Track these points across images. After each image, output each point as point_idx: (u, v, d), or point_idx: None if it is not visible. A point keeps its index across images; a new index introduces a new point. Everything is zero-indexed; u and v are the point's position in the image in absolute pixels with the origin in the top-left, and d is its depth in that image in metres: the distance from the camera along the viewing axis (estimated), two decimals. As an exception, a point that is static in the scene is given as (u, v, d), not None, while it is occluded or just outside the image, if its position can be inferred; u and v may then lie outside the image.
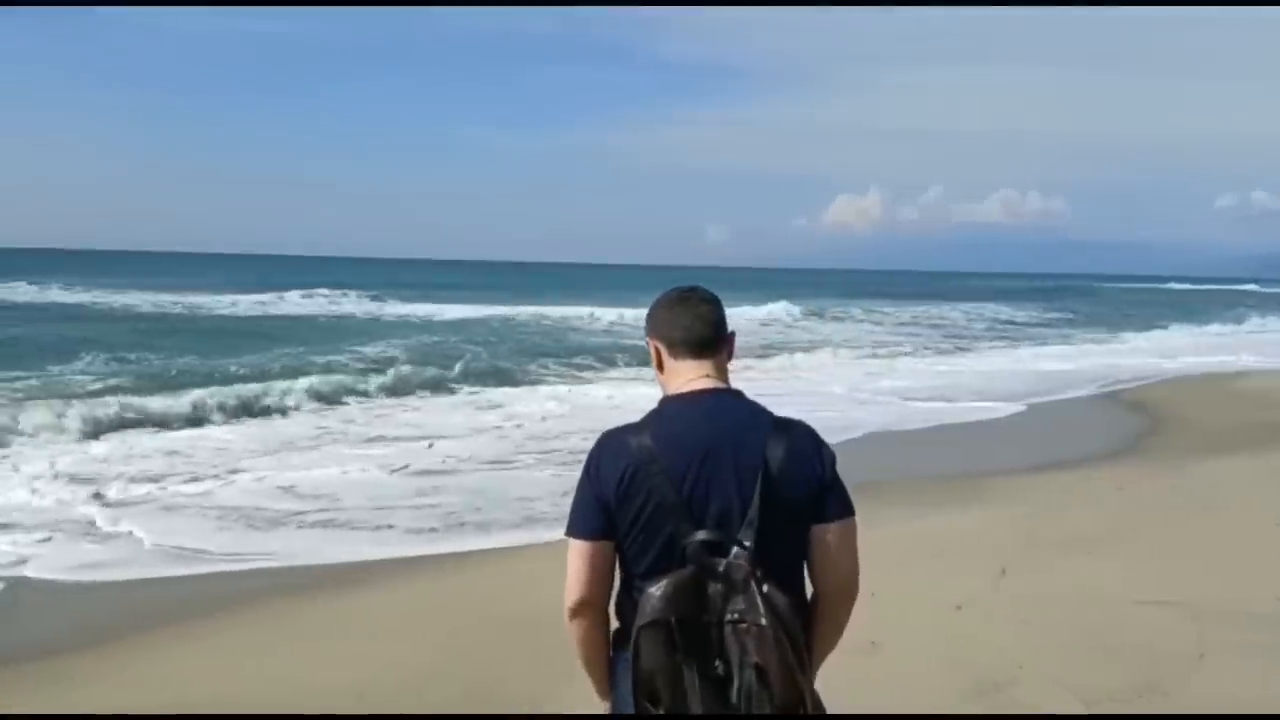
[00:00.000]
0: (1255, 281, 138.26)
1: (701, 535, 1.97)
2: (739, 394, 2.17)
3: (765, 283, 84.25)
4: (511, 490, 9.15)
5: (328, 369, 17.93)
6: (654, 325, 2.25)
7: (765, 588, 1.89)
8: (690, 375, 2.18)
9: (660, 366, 2.24)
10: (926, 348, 27.94)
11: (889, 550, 6.93)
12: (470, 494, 9.02)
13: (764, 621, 1.86)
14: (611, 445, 2.11)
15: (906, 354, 25.70)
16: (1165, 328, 39.03)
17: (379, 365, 18.64)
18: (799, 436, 2.11)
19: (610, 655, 2.20)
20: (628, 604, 2.08)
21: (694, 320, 2.19)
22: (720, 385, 2.17)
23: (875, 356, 24.56)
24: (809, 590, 2.17)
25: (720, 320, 2.23)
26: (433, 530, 7.92)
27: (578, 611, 2.13)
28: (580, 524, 2.10)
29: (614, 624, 2.19)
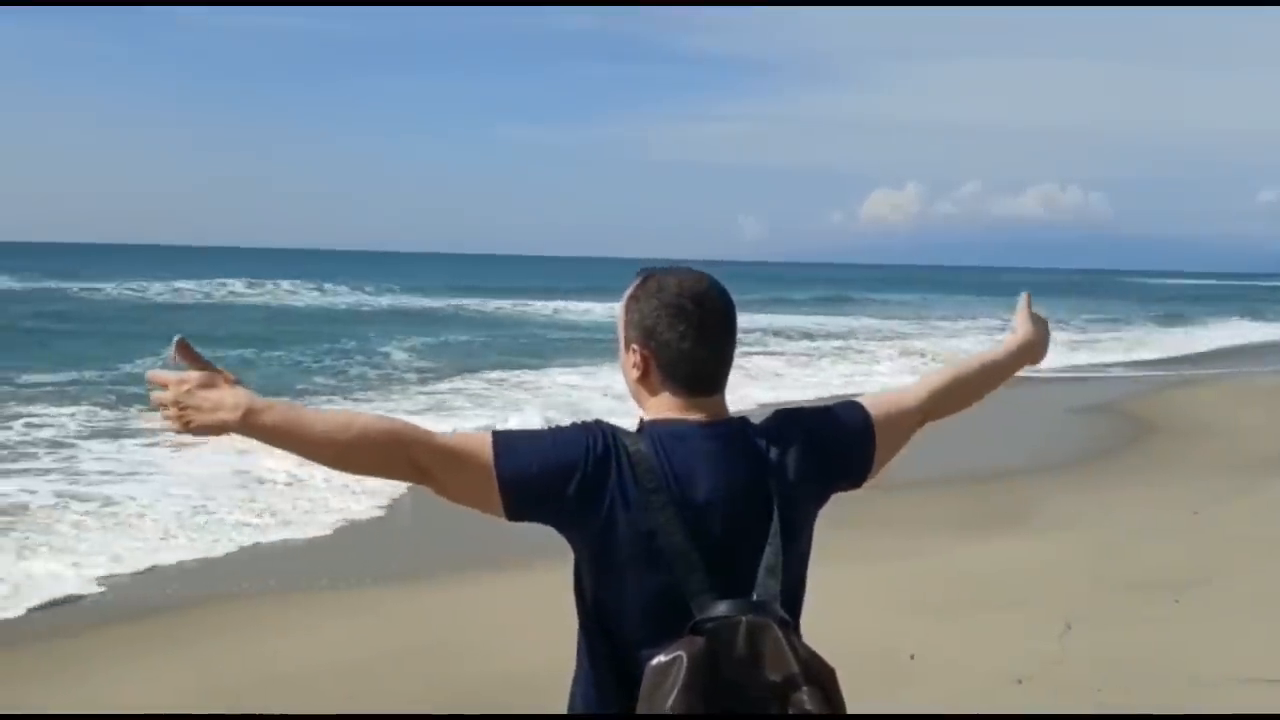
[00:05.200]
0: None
1: (724, 609, 1.57)
2: (744, 420, 1.77)
3: (808, 278, 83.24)
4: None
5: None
6: (648, 335, 1.73)
7: (803, 654, 1.57)
8: (686, 414, 1.73)
9: (644, 381, 1.75)
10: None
11: (928, 593, 5.92)
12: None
13: (809, 707, 1.53)
14: (604, 430, 1.69)
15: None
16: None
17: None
18: (794, 427, 1.77)
19: None
20: (602, 687, 1.67)
21: (707, 355, 1.73)
22: (723, 418, 1.75)
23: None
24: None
25: (735, 346, 1.80)
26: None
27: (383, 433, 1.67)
28: (521, 452, 1.66)
29: None
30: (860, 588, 6.00)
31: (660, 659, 1.54)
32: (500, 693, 4.57)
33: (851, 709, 4.65)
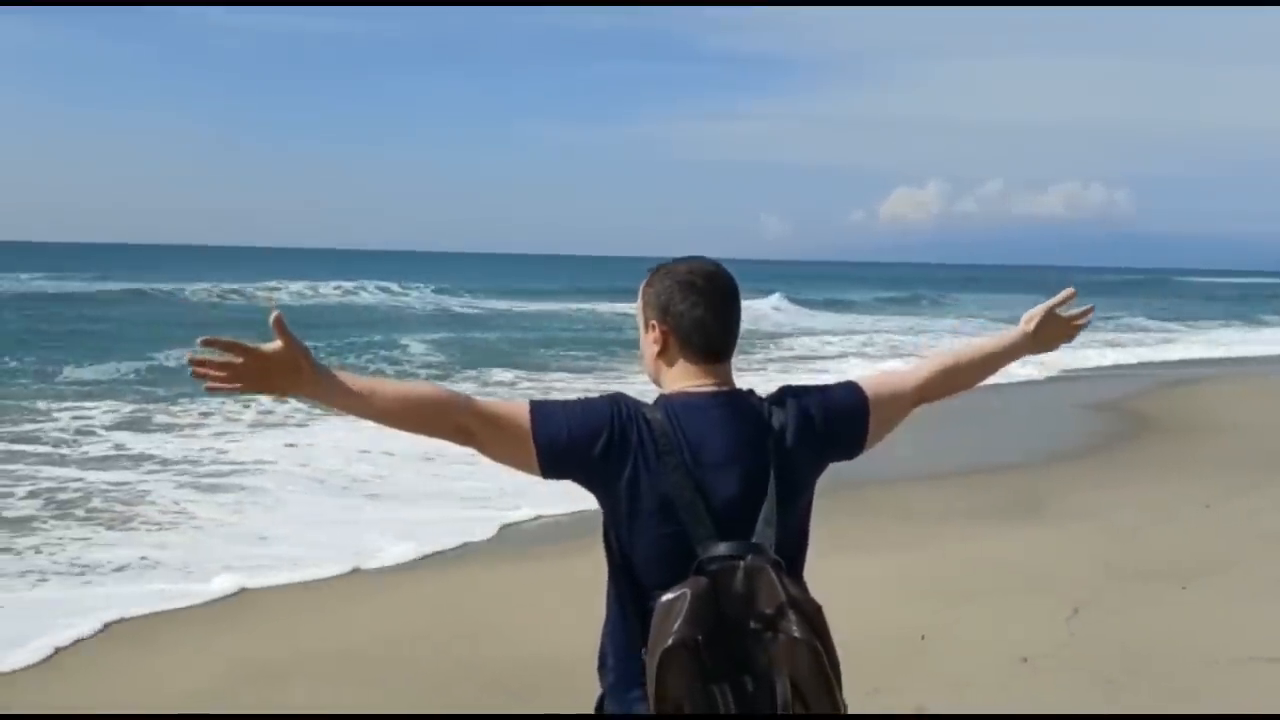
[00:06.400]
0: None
1: (723, 549, 1.79)
2: (750, 392, 2.01)
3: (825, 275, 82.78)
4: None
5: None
6: (664, 310, 1.96)
7: (792, 591, 1.75)
8: (700, 381, 1.96)
9: (664, 355, 1.98)
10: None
11: (939, 579, 6.06)
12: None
13: (796, 632, 1.72)
14: (626, 401, 1.93)
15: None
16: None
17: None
18: (794, 401, 1.99)
19: (601, 697, 1.98)
20: (628, 626, 1.88)
21: (716, 323, 1.96)
22: (730, 388, 1.98)
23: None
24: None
25: (740, 319, 2.02)
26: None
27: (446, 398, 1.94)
28: (554, 417, 1.90)
29: (610, 674, 1.94)
30: (877, 574, 6.16)
31: (668, 596, 1.75)
32: (534, 674, 4.75)
33: (864, 685, 4.84)
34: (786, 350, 23.50)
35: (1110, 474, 9.44)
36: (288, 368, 1.81)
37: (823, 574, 6.21)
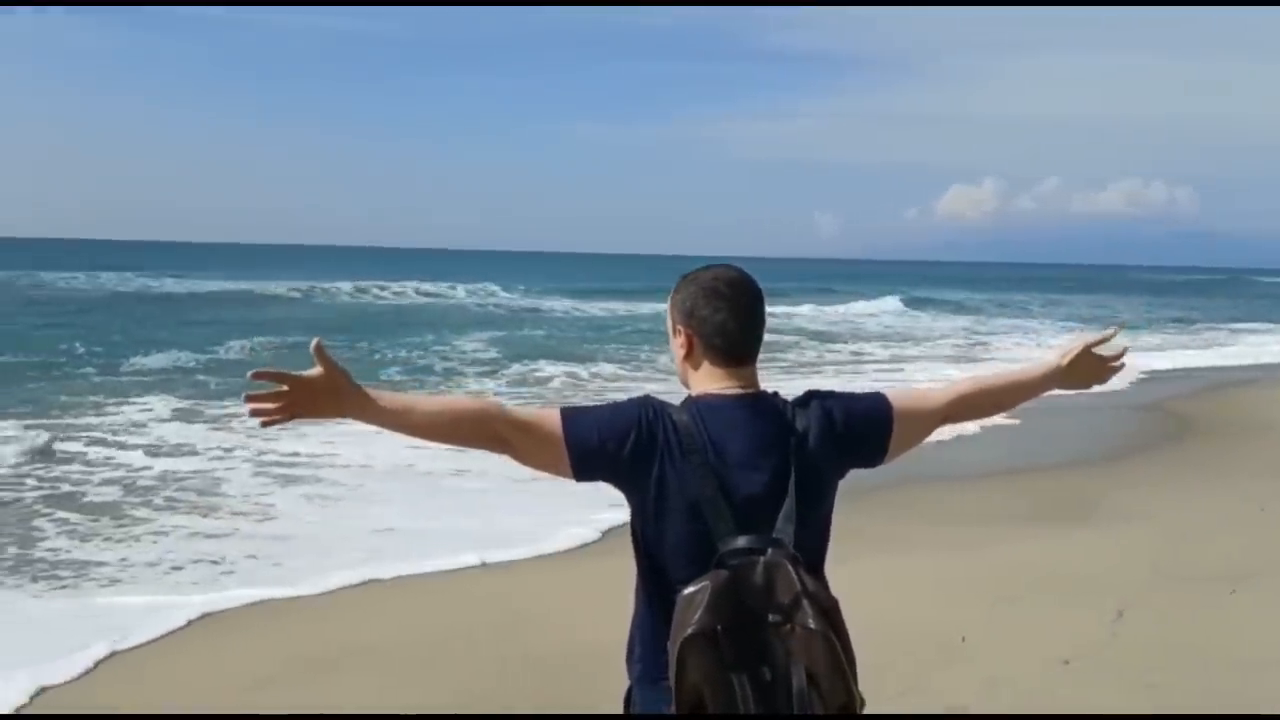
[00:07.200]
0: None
1: (742, 542, 1.85)
2: (775, 394, 2.07)
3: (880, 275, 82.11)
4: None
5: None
6: (689, 315, 2.04)
7: (809, 586, 1.79)
8: (726, 383, 2.03)
9: (690, 359, 2.06)
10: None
11: (982, 581, 6.01)
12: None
13: (812, 624, 1.77)
14: (653, 403, 2.00)
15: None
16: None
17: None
18: (818, 403, 2.05)
19: (629, 689, 2.04)
20: (654, 619, 1.94)
21: (738, 327, 2.02)
22: (755, 390, 2.05)
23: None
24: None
25: (764, 324, 2.08)
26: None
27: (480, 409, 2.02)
28: (584, 422, 1.97)
29: (637, 665, 2.01)
30: (919, 574, 6.14)
31: (689, 589, 1.81)
32: (577, 661, 4.82)
33: (901, 684, 4.82)
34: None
35: (1157, 475, 9.30)
36: (330, 391, 1.90)
37: (865, 574, 6.24)
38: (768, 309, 2.12)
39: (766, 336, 2.10)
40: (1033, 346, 25.00)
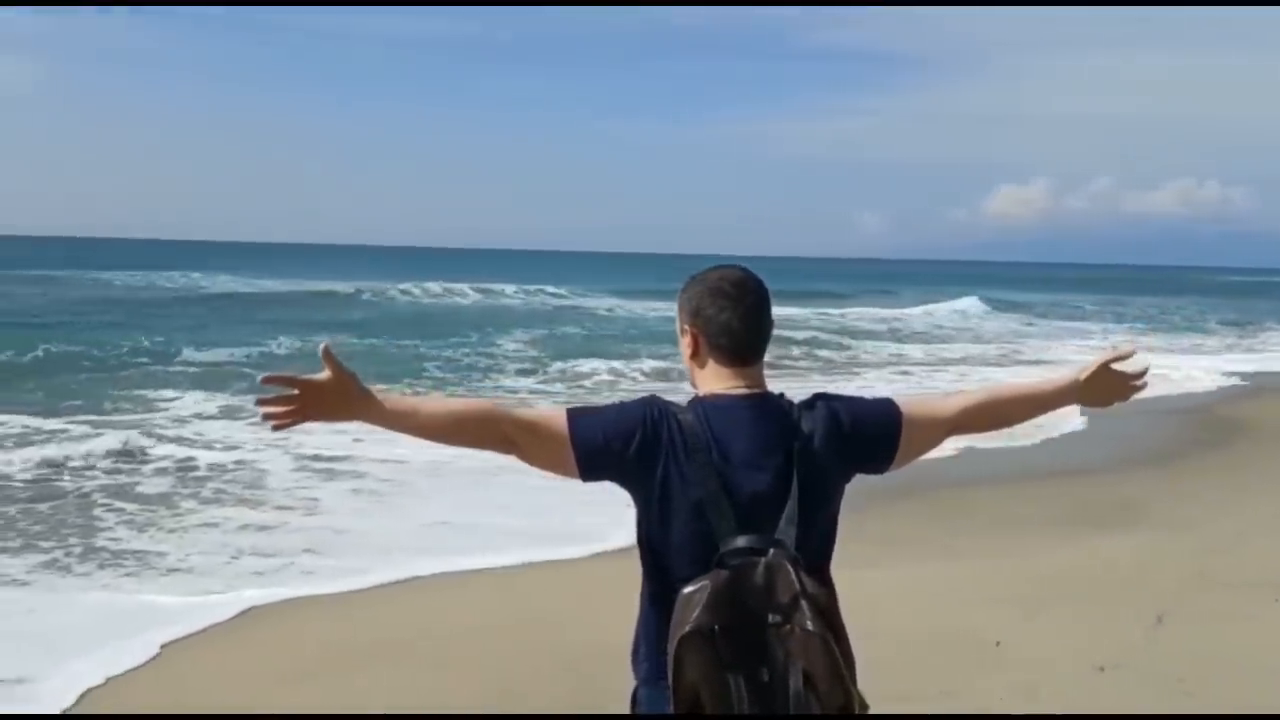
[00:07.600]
0: None
1: (743, 541, 1.87)
2: (781, 395, 2.08)
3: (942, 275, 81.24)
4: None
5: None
6: (695, 314, 2.08)
7: (808, 587, 1.80)
8: (731, 383, 2.05)
9: (696, 358, 2.09)
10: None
11: (1019, 585, 5.99)
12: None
13: (810, 626, 1.78)
14: (658, 403, 2.03)
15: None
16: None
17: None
18: (825, 406, 2.06)
19: (635, 690, 2.06)
20: (658, 619, 1.93)
21: (743, 327, 2.05)
22: (761, 390, 2.06)
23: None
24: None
25: (770, 323, 2.10)
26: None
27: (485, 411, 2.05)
28: (590, 423, 2.00)
29: (642, 665, 2.03)
30: (955, 579, 6.13)
31: (689, 588, 1.83)
32: (597, 660, 4.88)
33: (932, 688, 4.83)
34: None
35: (1203, 480, 9.19)
36: (338, 394, 1.95)
37: (900, 578, 6.25)
38: (841, 311, 2.11)
39: (867, 344, 2.12)
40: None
